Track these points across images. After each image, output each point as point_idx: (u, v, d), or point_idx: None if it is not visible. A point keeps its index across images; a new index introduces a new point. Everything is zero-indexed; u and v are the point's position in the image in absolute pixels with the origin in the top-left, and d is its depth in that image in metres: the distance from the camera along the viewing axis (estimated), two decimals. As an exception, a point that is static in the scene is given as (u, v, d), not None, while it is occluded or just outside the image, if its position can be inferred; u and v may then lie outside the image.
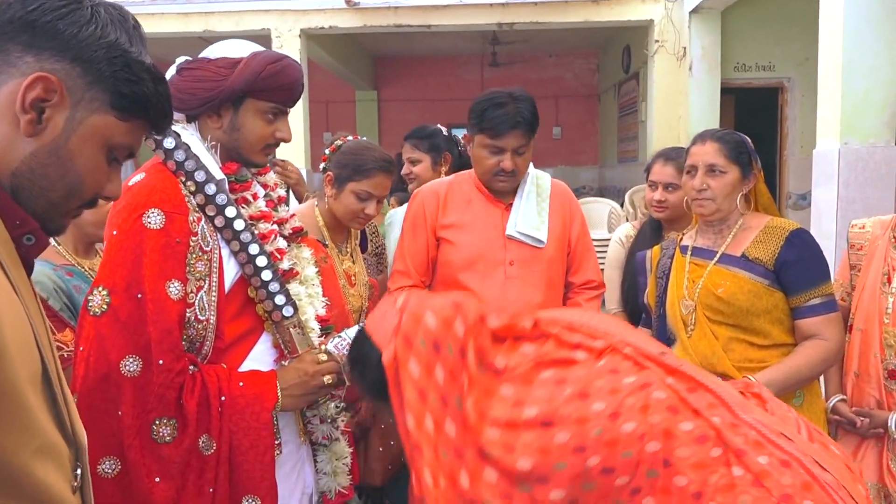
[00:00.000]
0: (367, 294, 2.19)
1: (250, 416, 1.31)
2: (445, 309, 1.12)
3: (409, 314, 1.12)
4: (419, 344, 1.10)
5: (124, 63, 0.82)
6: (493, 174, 1.99)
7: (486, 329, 1.12)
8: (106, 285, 1.25)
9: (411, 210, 2.14)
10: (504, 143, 1.95)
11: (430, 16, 7.12)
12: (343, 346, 1.46)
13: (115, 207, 1.32)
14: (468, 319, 1.12)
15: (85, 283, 1.87)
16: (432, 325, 1.10)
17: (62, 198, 0.82)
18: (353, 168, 2.03)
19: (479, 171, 2.03)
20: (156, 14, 7.27)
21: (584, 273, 2.14)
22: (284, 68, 1.39)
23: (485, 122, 1.95)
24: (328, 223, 2.13)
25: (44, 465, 0.74)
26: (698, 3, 6.34)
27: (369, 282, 2.23)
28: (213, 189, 1.34)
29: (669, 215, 2.43)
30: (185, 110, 1.39)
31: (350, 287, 2.13)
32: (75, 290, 1.83)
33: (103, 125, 0.82)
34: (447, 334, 1.10)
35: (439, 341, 1.09)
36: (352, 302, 2.11)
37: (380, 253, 2.39)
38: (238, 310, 1.39)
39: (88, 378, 1.22)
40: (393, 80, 12.64)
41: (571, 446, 0.99)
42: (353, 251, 2.22)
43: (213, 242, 1.35)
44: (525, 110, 1.96)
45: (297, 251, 1.54)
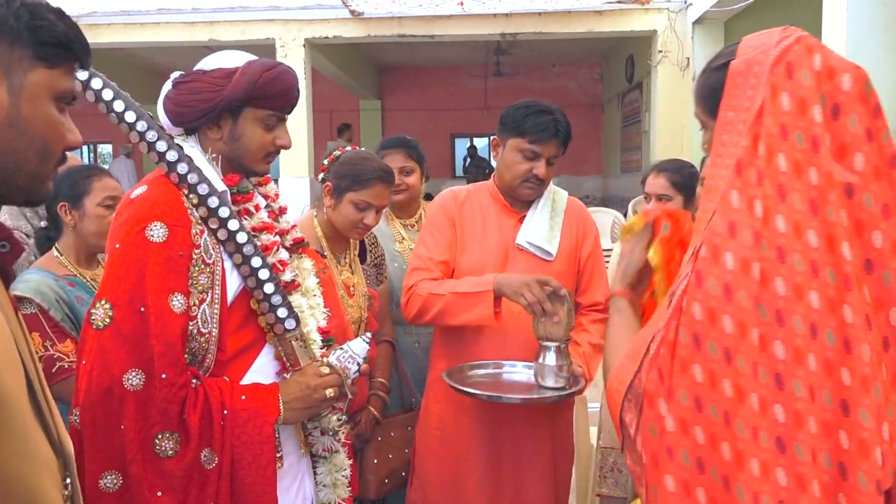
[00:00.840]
0: (365, 305, 2.19)
1: (252, 430, 1.31)
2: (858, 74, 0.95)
3: (804, 45, 0.96)
4: (801, 77, 0.94)
5: (29, 12, 0.82)
6: (523, 179, 1.99)
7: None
8: (109, 299, 1.25)
9: (432, 212, 2.12)
10: (543, 149, 1.96)
11: (434, 26, 7.15)
12: (345, 359, 1.46)
13: (118, 220, 1.32)
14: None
15: (87, 294, 1.87)
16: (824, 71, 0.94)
17: (38, 165, 0.83)
18: (351, 178, 2.03)
19: (509, 175, 2.01)
20: (161, 23, 7.32)
21: (593, 294, 2.09)
22: (280, 75, 1.40)
23: (527, 126, 1.96)
24: (327, 234, 2.13)
25: (38, 472, 0.74)
26: (702, 13, 6.36)
27: (368, 292, 2.23)
28: (215, 202, 1.34)
29: None
30: (184, 123, 1.40)
31: (349, 298, 2.13)
32: (77, 300, 1.84)
33: (41, 80, 0.83)
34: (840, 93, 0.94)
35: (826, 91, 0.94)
36: (350, 313, 2.11)
37: (379, 264, 2.39)
38: (240, 322, 1.38)
39: (91, 392, 1.22)
40: (397, 89, 12.69)
41: None
42: (353, 262, 2.22)
43: (216, 255, 1.35)
44: (564, 123, 2.00)
45: (298, 262, 1.54)
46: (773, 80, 0.96)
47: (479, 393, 1.79)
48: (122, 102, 1.33)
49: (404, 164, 2.56)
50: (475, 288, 1.87)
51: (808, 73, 0.95)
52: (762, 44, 1.01)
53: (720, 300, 0.94)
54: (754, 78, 0.98)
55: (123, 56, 10.31)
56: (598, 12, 7.01)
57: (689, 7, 6.69)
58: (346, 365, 1.45)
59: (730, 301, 0.93)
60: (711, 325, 0.94)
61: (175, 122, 1.39)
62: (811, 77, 0.95)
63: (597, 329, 2.04)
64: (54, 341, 1.76)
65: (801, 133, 0.94)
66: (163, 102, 1.40)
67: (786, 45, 0.97)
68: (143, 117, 1.34)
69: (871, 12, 3.81)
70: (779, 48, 0.98)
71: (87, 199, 1.92)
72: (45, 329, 1.76)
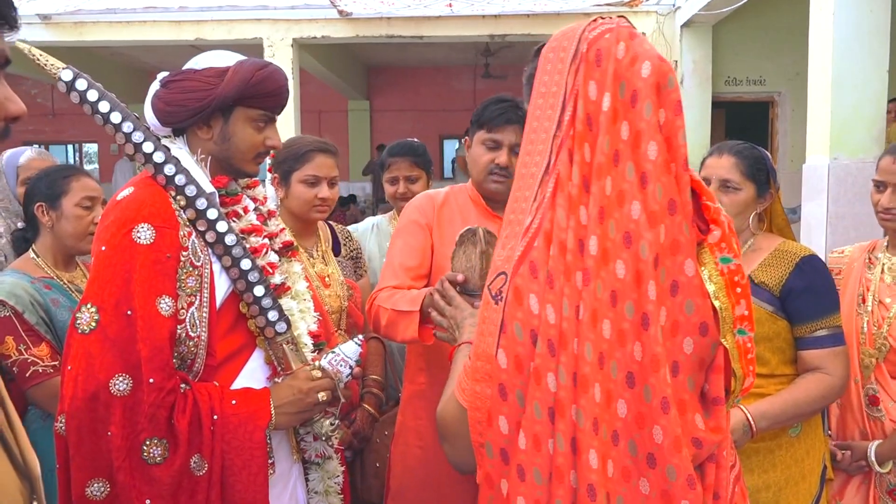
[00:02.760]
0: (345, 294, 2.18)
1: (243, 436, 1.28)
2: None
3: (615, 34, 0.96)
4: (606, 67, 0.93)
5: None
6: (487, 172, 1.92)
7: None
8: (94, 302, 1.23)
9: (405, 216, 2.03)
10: (503, 136, 1.90)
11: (423, 27, 7.13)
12: (337, 362, 1.44)
13: (104, 222, 1.29)
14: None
15: (63, 296, 1.84)
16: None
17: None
18: (290, 159, 2.08)
19: (475, 171, 1.96)
20: (148, 22, 7.25)
21: None
22: (272, 74, 1.39)
23: (484, 115, 1.92)
24: (292, 228, 2.12)
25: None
26: (689, 17, 6.39)
27: (347, 283, 2.21)
28: (203, 203, 1.32)
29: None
30: (174, 123, 1.37)
31: (324, 288, 2.12)
32: (52, 303, 1.80)
33: None
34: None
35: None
36: (329, 303, 2.10)
37: (356, 257, 2.37)
38: (230, 326, 1.36)
39: (77, 398, 1.19)
40: (385, 90, 12.65)
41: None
42: (325, 253, 2.22)
43: (204, 257, 1.32)
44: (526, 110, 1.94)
45: (287, 266, 1.52)
46: (584, 67, 0.95)
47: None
48: (107, 103, 1.31)
49: (410, 173, 2.55)
50: (407, 306, 1.72)
51: (610, 63, 0.94)
52: (569, 30, 1.01)
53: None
54: (560, 63, 0.98)
55: (109, 55, 10.21)
56: (587, 15, 7.02)
57: (678, 10, 6.72)
58: (339, 368, 1.43)
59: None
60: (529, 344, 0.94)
61: (164, 121, 1.37)
62: (613, 66, 0.93)
63: None
64: (28, 345, 1.72)
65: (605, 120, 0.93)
66: (151, 102, 1.38)
67: (597, 34, 0.97)
68: (129, 118, 1.32)
69: (857, 17, 3.84)
70: (591, 34, 0.97)
71: (65, 200, 1.88)
72: (20, 332, 1.72)
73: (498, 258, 0.99)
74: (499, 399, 0.95)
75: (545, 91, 0.99)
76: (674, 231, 0.91)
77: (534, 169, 0.97)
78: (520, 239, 0.95)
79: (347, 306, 2.21)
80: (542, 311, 0.92)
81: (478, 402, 0.98)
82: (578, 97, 0.95)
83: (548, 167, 0.96)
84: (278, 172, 2.13)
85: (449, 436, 1.06)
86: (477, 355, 0.99)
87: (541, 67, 1.01)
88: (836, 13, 3.84)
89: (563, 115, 0.95)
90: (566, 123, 0.95)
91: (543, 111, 0.98)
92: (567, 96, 0.96)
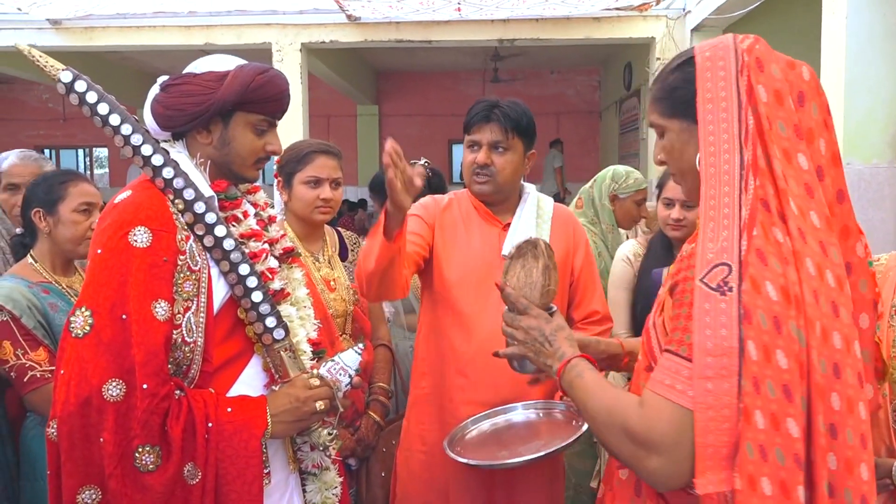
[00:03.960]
0: (350, 299, 2.17)
1: (238, 444, 1.26)
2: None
3: (764, 43, 1.06)
4: (773, 70, 1.02)
5: None
6: (471, 173, 1.93)
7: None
8: (89, 306, 1.21)
9: (414, 208, 1.99)
10: (480, 135, 1.90)
11: (432, 31, 7.12)
12: (336, 371, 1.41)
13: (101, 225, 1.28)
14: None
15: (61, 301, 1.83)
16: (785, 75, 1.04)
17: None
18: (293, 162, 2.11)
19: (464, 175, 1.98)
20: (157, 27, 7.28)
21: (588, 305, 2.00)
22: (272, 79, 1.37)
23: (466, 118, 1.94)
24: (298, 232, 2.16)
25: None
26: (700, 21, 6.34)
27: (353, 288, 2.20)
28: (202, 207, 1.30)
29: (686, 234, 2.33)
30: (173, 127, 1.36)
31: (330, 292, 2.12)
32: (51, 307, 1.79)
33: None
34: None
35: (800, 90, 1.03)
36: (334, 307, 2.09)
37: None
38: (227, 332, 1.34)
39: (69, 403, 1.17)
40: (394, 94, 12.66)
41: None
42: (331, 258, 2.23)
43: (202, 262, 1.30)
44: (507, 108, 1.91)
45: (288, 272, 1.50)
46: (748, 72, 1.02)
47: (497, 463, 1.61)
48: (106, 105, 1.29)
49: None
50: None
51: (776, 66, 1.03)
52: (720, 42, 1.07)
53: (772, 335, 0.93)
54: (723, 70, 1.04)
55: (119, 59, 10.27)
56: (597, 19, 6.99)
57: (688, 15, 6.68)
58: (338, 377, 1.40)
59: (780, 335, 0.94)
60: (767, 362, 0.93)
61: (163, 125, 1.36)
62: (780, 69, 1.03)
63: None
64: (26, 350, 1.71)
65: (783, 122, 1.01)
66: (150, 106, 1.37)
67: (749, 43, 1.05)
68: (128, 120, 1.31)
69: (870, 21, 3.79)
70: (744, 44, 1.05)
71: (62, 205, 1.88)
72: (17, 337, 1.71)
73: (709, 251, 0.97)
74: (753, 393, 0.92)
75: (712, 97, 1.04)
76: (843, 217, 1.04)
77: (725, 166, 1.00)
78: (734, 230, 0.97)
79: (353, 311, 2.19)
80: (780, 297, 0.94)
81: (710, 401, 0.92)
82: (756, 100, 1.01)
83: (743, 163, 1.00)
84: (282, 176, 2.15)
85: (665, 447, 0.97)
86: (705, 351, 0.94)
87: (700, 75, 1.06)
88: (849, 17, 3.79)
89: (744, 116, 1.01)
90: (752, 126, 1.00)
91: (716, 115, 1.03)
92: (741, 101, 1.02)
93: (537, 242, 1.37)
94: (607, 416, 1.05)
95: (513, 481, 1.89)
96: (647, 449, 0.98)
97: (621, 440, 1.02)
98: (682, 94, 1.08)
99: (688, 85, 1.07)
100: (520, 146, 1.94)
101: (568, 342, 1.22)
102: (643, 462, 0.99)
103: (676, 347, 1.00)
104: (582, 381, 1.13)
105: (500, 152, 1.91)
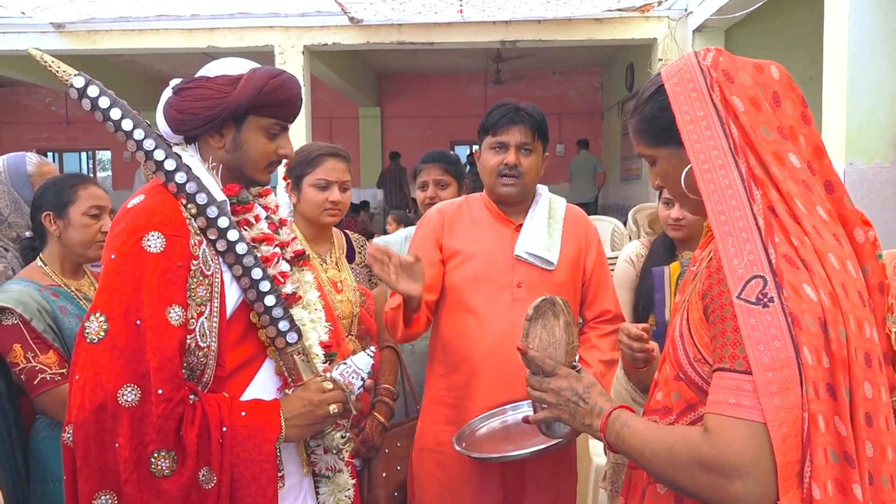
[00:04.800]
0: (357, 300, 2.18)
1: (252, 448, 1.26)
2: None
3: (726, 54, 1.07)
4: (742, 79, 1.04)
5: None
6: (498, 174, 1.95)
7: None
8: (103, 311, 1.21)
9: (419, 229, 2.10)
10: (507, 137, 1.94)
11: (434, 33, 7.13)
12: (349, 374, 1.41)
13: (114, 230, 1.28)
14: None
15: (71, 304, 1.84)
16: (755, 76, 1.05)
17: None
18: (302, 164, 2.12)
19: (486, 176, 1.99)
20: (160, 30, 7.29)
21: (600, 305, 2.02)
22: (285, 82, 1.37)
23: (489, 122, 1.96)
24: (306, 234, 2.17)
25: None
26: (702, 21, 6.34)
27: (360, 289, 2.20)
28: (215, 212, 1.30)
29: (686, 234, 2.36)
30: (186, 131, 1.36)
31: (336, 293, 2.13)
32: (60, 311, 1.80)
33: None
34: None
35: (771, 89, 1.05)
36: (341, 308, 2.10)
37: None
38: (240, 336, 1.34)
39: (84, 408, 1.18)
40: (396, 96, 12.68)
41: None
42: (338, 260, 2.23)
43: (215, 266, 1.31)
44: (530, 110, 1.97)
45: (299, 275, 1.50)
46: (719, 86, 1.04)
47: (501, 456, 1.68)
48: (118, 110, 1.30)
49: (440, 177, 2.58)
50: (395, 301, 1.82)
51: (744, 73, 1.04)
52: (684, 63, 1.09)
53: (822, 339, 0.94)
54: (694, 91, 1.05)
55: (122, 63, 10.29)
56: (598, 20, 6.99)
57: (690, 15, 6.68)
58: (350, 380, 1.41)
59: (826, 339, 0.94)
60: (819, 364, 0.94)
61: (176, 129, 1.36)
62: (749, 76, 1.04)
63: (606, 343, 1.97)
64: (36, 353, 1.72)
65: (766, 126, 1.02)
66: (163, 109, 1.37)
67: (712, 57, 1.06)
68: (141, 125, 1.31)
69: (872, 22, 3.79)
70: (708, 60, 1.06)
71: (72, 208, 1.88)
72: (27, 340, 1.72)
73: (738, 268, 0.96)
74: (815, 398, 0.91)
75: (691, 118, 1.05)
76: (837, 207, 1.04)
77: (725, 181, 1.01)
78: (756, 241, 0.97)
79: (359, 313, 2.20)
80: (818, 297, 0.94)
81: (783, 416, 0.90)
82: (735, 114, 1.03)
83: (742, 174, 1.01)
84: (291, 178, 2.16)
85: (745, 468, 0.91)
86: (763, 367, 0.91)
87: (674, 101, 1.07)
88: (851, 17, 3.79)
89: (728, 130, 1.03)
90: (738, 137, 1.02)
91: (700, 133, 1.04)
92: (721, 115, 1.03)
93: (555, 300, 1.34)
94: (670, 455, 0.99)
95: (524, 481, 1.91)
96: (727, 475, 0.92)
97: (694, 474, 0.96)
98: (661, 122, 1.10)
99: (664, 112, 1.09)
100: (540, 148, 2.01)
101: (603, 397, 1.17)
102: (726, 490, 0.93)
103: (731, 364, 0.96)
104: (630, 429, 1.07)
105: (526, 154, 1.96)
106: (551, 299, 1.35)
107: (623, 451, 1.09)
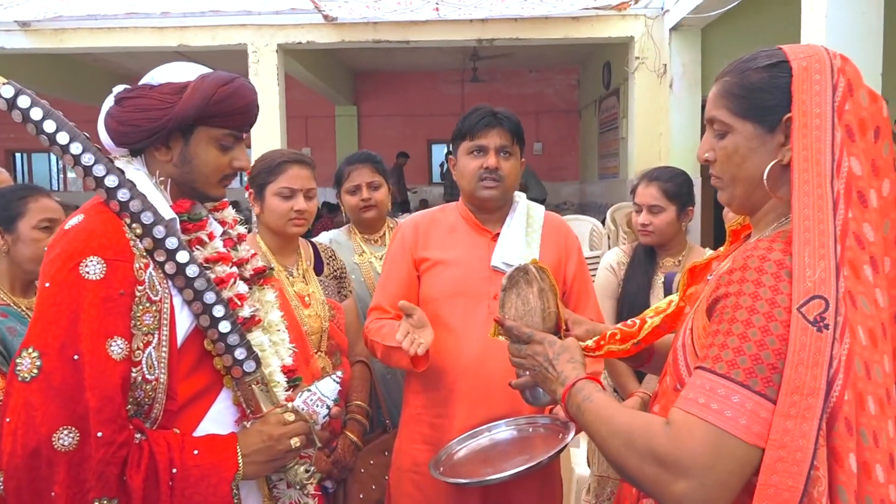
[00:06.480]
0: (327, 315, 2.08)
1: (206, 490, 1.15)
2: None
3: (853, 64, 1.02)
4: (861, 97, 0.99)
5: None
6: (478, 179, 1.88)
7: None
8: (37, 346, 1.10)
9: (392, 244, 2.03)
10: (486, 140, 1.88)
11: (410, 31, 7.03)
12: (313, 402, 1.32)
13: (49, 255, 1.16)
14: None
15: (21, 324, 1.72)
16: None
17: None
18: (264, 173, 2.02)
19: (465, 182, 1.92)
20: (130, 28, 7.10)
21: (581, 314, 1.90)
22: (237, 90, 1.25)
23: (466, 126, 1.90)
24: (271, 246, 2.08)
25: None
26: (678, 20, 6.32)
27: (328, 303, 2.11)
28: (162, 232, 1.19)
29: (656, 240, 2.38)
30: (128, 144, 1.25)
31: (304, 308, 2.03)
32: (9, 332, 1.68)
33: None
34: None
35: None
36: (309, 323, 2.01)
37: (340, 276, 2.27)
38: (193, 365, 1.23)
39: (16, 454, 1.06)
40: (373, 95, 12.54)
41: None
42: (306, 272, 2.13)
43: (163, 291, 1.20)
44: (506, 114, 1.93)
45: (259, 294, 1.40)
46: (841, 93, 0.98)
47: (479, 480, 1.58)
48: (53, 122, 1.18)
49: (372, 179, 2.48)
50: (394, 342, 1.71)
51: (864, 93, 0.99)
52: (815, 52, 1.01)
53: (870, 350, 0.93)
54: (818, 85, 0.99)
55: (91, 61, 10.02)
56: (575, 18, 6.94)
57: (666, 14, 6.65)
58: (315, 409, 1.31)
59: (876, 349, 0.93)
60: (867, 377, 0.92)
61: (118, 142, 1.25)
62: (867, 97, 1.00)
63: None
64: None
65: (864, 154, 0.98)
66: (104, 120, 1.25)
67: (842, 60, 1.01)
68: (78, 138, 1.19)
69: (850, 21, 3.77)
70: (837, 61, 1.00)
71: (22, 222, 1.76)
72: None
73: (808, 279, 0.92)
74: (846, 435, 0.90)
75: (807, 110, 0.99)
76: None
77: (819, 190, 0.96)
78: (832, 262, 0.93)
79: (329, 328, 2.10)
80: (868, 342, 0.92)
81: (786, 440, 0.88)
82: (849, 125, 0.99)
83: (834, 190, 0.97)
84: (253, 188, 2.06)
85: (695, 470, 0.90)
86: (793, 389, 0.89)
87: (798, 86, 1.00)
88: (829, 16, 3.77)
89: (834, 139, 0.98)
90: (839, 145, 0.97)
91: (810, 130, 0.99)
92: (834, 122, 0.98)
93: (527, 268, 1.33)
94: (626, 439, 0.97)
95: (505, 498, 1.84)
96: (675, 472, 0.91)
97: (643, 463, 0.94)
98: (764, 98, 1.01)
99: (775, 91, 1.00)
100: (518, 153, 1.95)
101: (571, 364, 1.15)
102: (669, 487, 0.91)
103: (712, 364, 0.93)
104: (591, 404, 1.06)
105: (506, 157, 1.91)
106: (524, 268, 1.35)
107: (581, 424, 1.08)
